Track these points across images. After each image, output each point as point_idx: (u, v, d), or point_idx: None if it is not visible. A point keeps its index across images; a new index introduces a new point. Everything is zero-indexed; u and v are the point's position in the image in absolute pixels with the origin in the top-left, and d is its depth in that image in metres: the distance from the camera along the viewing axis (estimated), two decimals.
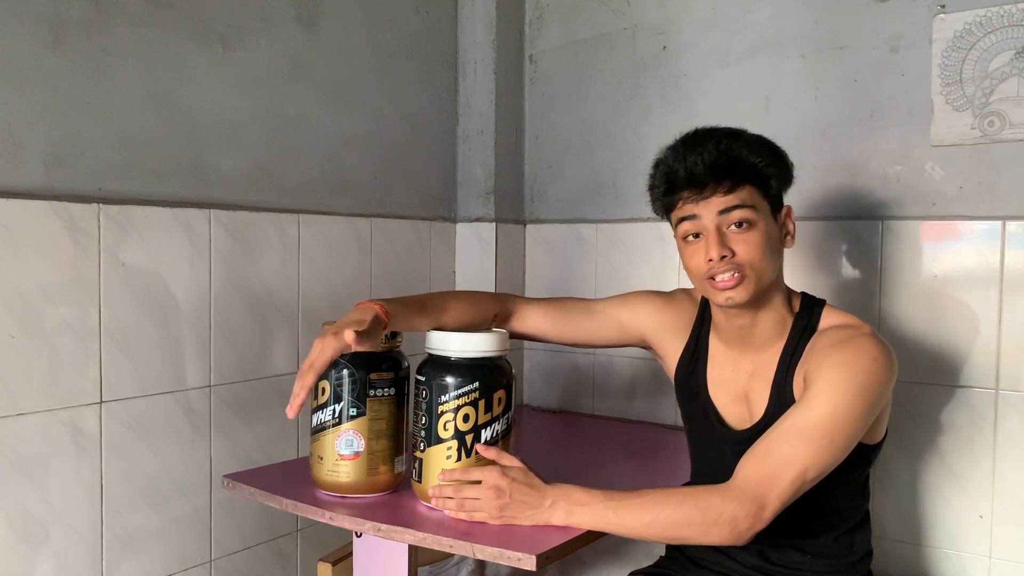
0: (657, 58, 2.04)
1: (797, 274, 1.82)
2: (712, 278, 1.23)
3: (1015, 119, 1.59)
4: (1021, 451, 1.60)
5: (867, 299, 1.74)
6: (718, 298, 1.24)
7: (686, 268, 1.28)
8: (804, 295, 1.34)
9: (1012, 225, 1.60)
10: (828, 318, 1.29)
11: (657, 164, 1.30)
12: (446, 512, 1.22)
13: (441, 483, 1.23)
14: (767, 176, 1.24)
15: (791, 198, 1.86)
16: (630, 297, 1.49)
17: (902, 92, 1.71)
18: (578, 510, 1.17)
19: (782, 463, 1.13)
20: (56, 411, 1.38)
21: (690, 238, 1.25)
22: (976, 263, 1.63)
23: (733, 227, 1.22)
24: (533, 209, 2.27)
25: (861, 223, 1.75)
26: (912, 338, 1.70)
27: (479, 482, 1.20)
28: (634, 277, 2.07)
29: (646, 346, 1.49)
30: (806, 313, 1.31)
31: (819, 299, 1.34)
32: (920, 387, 1.69)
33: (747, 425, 1.32)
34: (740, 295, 1.22)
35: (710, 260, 1.21)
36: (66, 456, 1.40)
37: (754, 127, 1.95)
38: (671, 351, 1.45)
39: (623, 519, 1.15)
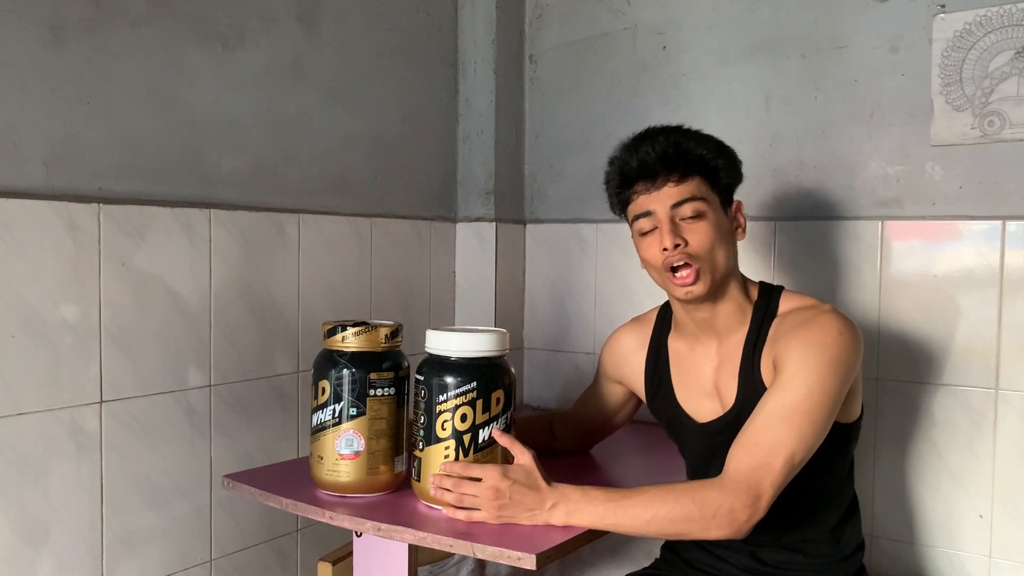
0: (657, 58, 2.04)
1: (797, 274, 1.82)
2: (672, 271, 1.27)
3: (1015, 119, 1.59)
4: (1021, 451, 1.60)
5: (867, 299, 1.74)
6: (678, 292, 1.29)
7: (644, 260, 1.33)
8: (762, 283, 1.38)
9: (1012, 225, 1.60)
10: (787, 302, 1.33)
11: (611, 162, 1.36)
12: (443, 511, 1.22)
13: (441, 474, 1.22)
14: (715, 167, 1.29)
15: (791, 197, 1.87)
16: (600, 354, 1.58)
17: (902, 92, 1.71)
18: (578, 511, 1.17)
19: (769, 450, 1.15)
20: (56, 411, 1.39)
21: (646, 232, 1.30)
22: (976, 263, 1.63)
23: (686, 219, 1.27)
24: (533, 209, 2.27)
25: (861, 223, 1.75)
26: (912, 338, 1.70)
27: (479, 479, 1.20)
28: (634, 277, 2.07)
29: (630, 389, 1.54)
30: (765, 299, 1.34)
31: (777, 285, 1.37)
32: (920, 387, 1.69)
33: (719, 414, 1.34)
34: (699, 288, 1.27)
35: (664, 250, 1.26)
36: (66, 456, 1.40)
37: (754, 127, 1.96)
38: (635, 376, 1.49)
39: (622, 518, 1.16)
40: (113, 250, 1.45)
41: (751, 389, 1.29)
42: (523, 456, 1.22)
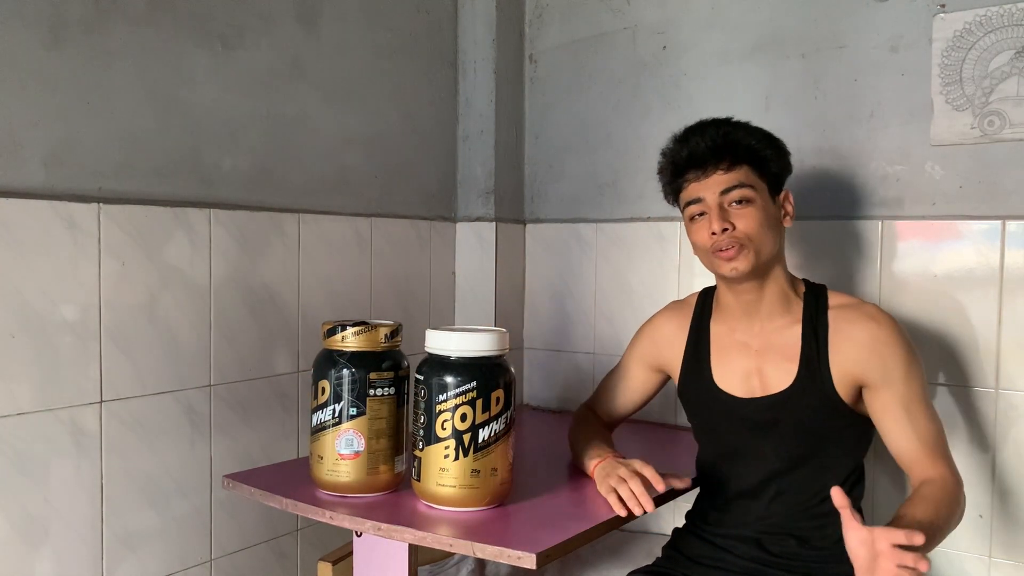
0: (657, 58, 2.04)
1: (797, 272, 1.81)
2: (718, 251, 1.33)
3: (1015, 119, 1.58)
4: (1021, 451, 1.60)
5: (868, 299, 1.74)
6: (723, 268, 1.35)
7: (694, 243, 1.39)
8: (805, 280, 1.45)
9: (1012, 225, 1.60)
10: (835, 298, 1.40)
11: (664, 153, 1.43)
12: None
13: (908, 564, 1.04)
14: (763, 157, 1.36)
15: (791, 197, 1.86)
16: (634, 341, 1.60)
17: (902, 92, 1.71)
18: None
19: (934, 440, 1.28)
20: (56, 411, 1.39)
21: (696, 217, 1.37)
22: (976, 263, 1.63)
23: (733, 204, 1.33)
24: (533, 209, 2.27)
25: (861, 223, 1.75)
26: (912, 338, 1.69)
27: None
28: (634, 277, 2.07)
29: (667, 373, 1.57)
30: (812, 294, 1.41)
31: (819, 284, 1.44)
32: None
33: (761, 394, 1.38)
34: (743, 264, 1.32)
35: (713, 234, 1.33)
36: (66, 456, 1.40)
37: None
38: (675, 359, 1.51)
39: (939, 538, 1.16)
40: (113, 250, 1.45)
41: (814, 374, 1.34)
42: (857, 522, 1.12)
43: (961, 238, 1.65)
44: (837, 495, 1.11)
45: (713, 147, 1.34)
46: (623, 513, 1.25)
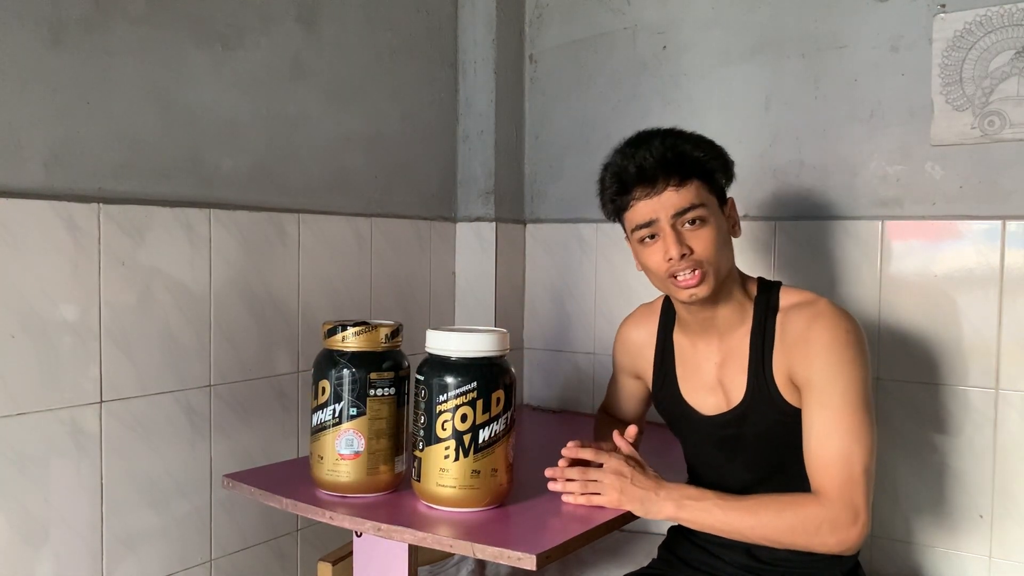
0: (657, 58, 2.04)
1: (797, 274, 1.82)
2: (674, 276, 1.27)
3: (1015, 119, 1.59)
4: (1021, 451, 1.60)
5: (867, 299, 1.74)
6: (681, 295, 1.29)
7: (645, 268, 1.32)
8: (760, 279, 1.39)
9: (1012, 225, 1.60)
10: (786, 297, 1.34)
11: (606, 167, 1.35)
12: (564, 497, 1.28)
13: (564, 465, 1.29)
14: (712, 170, 1.30)
15: (791, 197, 1.87)
16: (613, 352, 1.61)
17: (902, 92, 1.71)
18: (688, 504, 1.22)
19: (844, 464, 1.18)
20: (56, 411, 1.39)
21: (647, 240, 1.29)
22: (976, 263, 1.63)
23: (687, 225, 1.26)
24: (533, 209, 2.27)
25: (861, 223, 1.75)
26: (912, 338, 1.70)
27: (599, 466, 1.27)
28: (634, 277, 2.06)
29: (645, 381, 1.55)
30: (764, 295, 1.35)
31: (774, 281, 1.38)
32: (920, 387, 1.69)
33: (724, 410, 1.36)
34: (703, 291, 1.27)
35: (670, 259, 1.26)
36: (66, 456, 1.40)
37: (754, 127, 1.96)
38: (647, 367, 1.50)
39: (729, 519, 1.20)
40: (113, 250, 1.45)
41: (761, 384, 1.30)
42: (628, 448, 1.29)
43: (961, 238, 1.65)
44: (616, 438, 1.31)
45: (663, 162, 1.25)
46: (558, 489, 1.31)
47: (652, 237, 1.28)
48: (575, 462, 1.32)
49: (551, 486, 1.30)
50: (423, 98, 2.11)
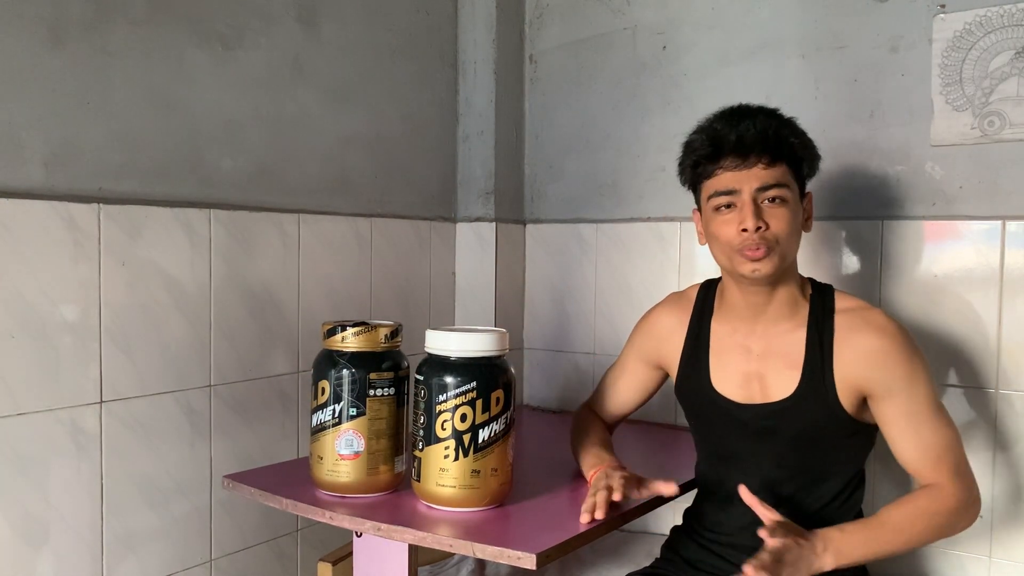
0: (657, 58, 2.04)
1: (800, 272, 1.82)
2: (742, 250, 1.28)
3: (1015, 119, 1.59)
4: (1021, 451, 1.60)
5: (867, 299, 1.73)
6: (744, 268, 1.29)
7: (715, 238, 1.32)
8: (812, 280, 1.41)
9: (1012, 225, 1.60)
10: (841, 300, 1.36)
11: (700, 130, 1.34)
12: None
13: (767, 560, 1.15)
14: (802, 158, 1.32)
15: None
16: (633, 336, 1.57)
17: (902, 92, 1.71)
18: (844, 550, 1.20)
19: (947, 451, 1.27)
20: (56, 411, 1.39)
21: (723, 209, 1.29)
22: (976, 263, 1.63)
23: (767, 202, 1.27)
24: (533, 209, 2.27)
25: (861, 223, 1.75)
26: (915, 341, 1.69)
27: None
28: (634, 277, 2.07)
29: (666, 370, 1.53)
30: (819, 296, 1.37)
31: (826, 284, 1.40)
32: None
33: (761, 400, 1.35)
34: (766, 267, 1.27)
35: (743, 231, 1.26)
36: (66, 456, 1.40)
37: None
38: (673, 355, 1.48)
39: (884, 545, 1.23)
40: (113, 250, 1.45)
41: (818, 384, 1.30)
42: (773, 513, 1.22)
43: (961, 238, 1.65)
44: (744, 493, 1.24)
45: (763, 138, 1.26)
46: (583, 520, 1.22)
47: (729, 207, 1.28)
48: None
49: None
50: (423, 98, 2.11)
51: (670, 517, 1.94)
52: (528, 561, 1.08)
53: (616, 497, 1.25)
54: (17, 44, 1.33)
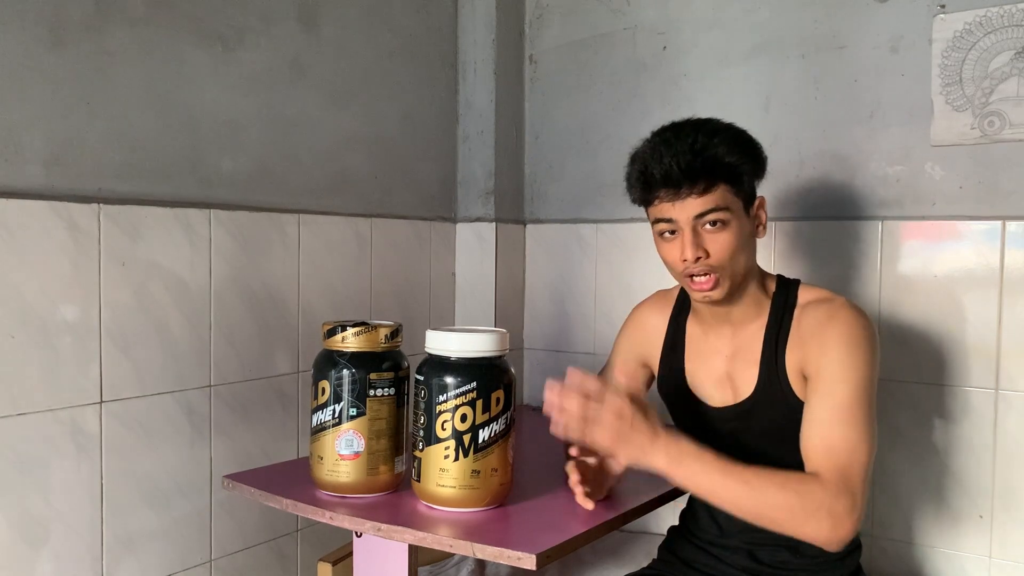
0: (657, 58, 2.04)
1: (796, 274, 1.82)
2: (689, 276, 1.28)
3: (1015, 119, 1.59)
4: (1021, 451, 1.60)
5: (867, 299, 1.74)
6: (695, 295, 1.31)
7: (663, 259, 1.33)
8: (779, 276, 1.38)
9: (1012, 225, 1.60)
10: (805, 294, 1.34)
11: (633, 160, 1.33)
12: (559, 426, 1.16)
13: (566, 387, 1.16)
14: (741, 174, 1.26)
15: (791, 197, 1.87)
16: (621, 334, 1.56)
17: (902, 92, 1.71)
18: (685, 462, 1.13)
19: (847, 452, 1.15)
20: (56, 411, 1.39)
21: (666, 234, 1.30)
22: (976, 263, 1.63)
23: (708, 226, 1.25)
24: (533, 209, 2.27)
25: (861, 223, 1.75)
26: (912, 338, 1.70)
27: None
28: (634, 277, 2.07)
29: (650, 369, 1.52)
30: (783, 292, 1.35)
31: (793, 279, 1.38)
32: (920, 387, 1.69)
33: (732, 402, 1.35)
34: (717, 294, 1.28)
35: (684, 260, 1.26)
36: (66, 456, 1.40)
37: (754, 127, 1.95)
38: (655, 353, 1.49)
39: (728, 484, 1.13)
40: (113, 250, 1.45)
41: (772, 377, 1.30)
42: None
43: (961, 238, 1.65)
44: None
45: (688, 169, 1.22)
46: (588, 507, 1.24)
47: (672, 232, 1.28)
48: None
49: (546, 410, 1.18)
50: (423, 98, 2.11)
51: (670, 517, 1.94)
52: (528, 561, 1.08)
53: (572, 482, 1.26)
54: (17, 44, 1.33)
